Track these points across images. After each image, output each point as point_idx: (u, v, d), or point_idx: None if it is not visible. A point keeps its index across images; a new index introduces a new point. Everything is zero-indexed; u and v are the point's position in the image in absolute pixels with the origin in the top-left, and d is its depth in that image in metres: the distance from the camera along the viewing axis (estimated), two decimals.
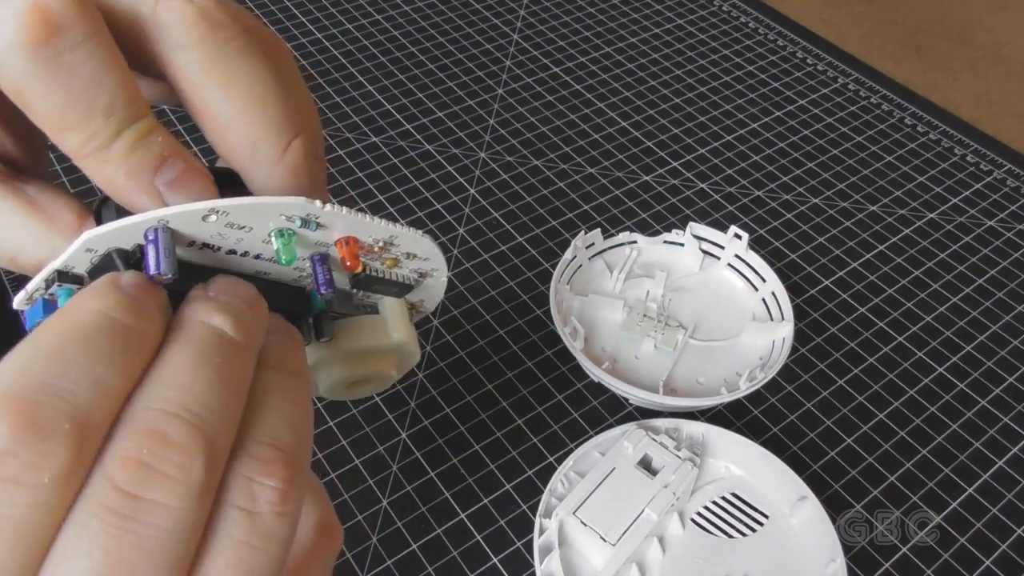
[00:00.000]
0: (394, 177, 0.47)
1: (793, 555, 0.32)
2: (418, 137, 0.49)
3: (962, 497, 0.35)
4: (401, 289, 0.25)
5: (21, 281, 0.21)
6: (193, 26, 0.18)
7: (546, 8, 0.61)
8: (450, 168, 0.47)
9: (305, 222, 0.20)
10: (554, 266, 0.40)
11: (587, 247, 0.40)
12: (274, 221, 0.19)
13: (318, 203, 0.19)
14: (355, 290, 0.23)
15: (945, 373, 0.40)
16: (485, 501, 0.33)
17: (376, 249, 0.22)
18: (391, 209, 0.45)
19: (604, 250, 0.41)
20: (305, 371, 0.20)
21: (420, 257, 0.23)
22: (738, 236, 0.40)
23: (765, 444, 0.34)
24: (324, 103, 0.51)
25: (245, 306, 0.19)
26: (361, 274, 0.22)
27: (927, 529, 0.34)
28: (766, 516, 0.33)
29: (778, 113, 0.54)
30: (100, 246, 0.18)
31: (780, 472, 0.33)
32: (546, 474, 0.34)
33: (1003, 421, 0.38)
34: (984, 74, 0.60)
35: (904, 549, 0.33)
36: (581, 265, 0.40)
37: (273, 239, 0.20)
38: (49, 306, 0.19)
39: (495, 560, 0.32)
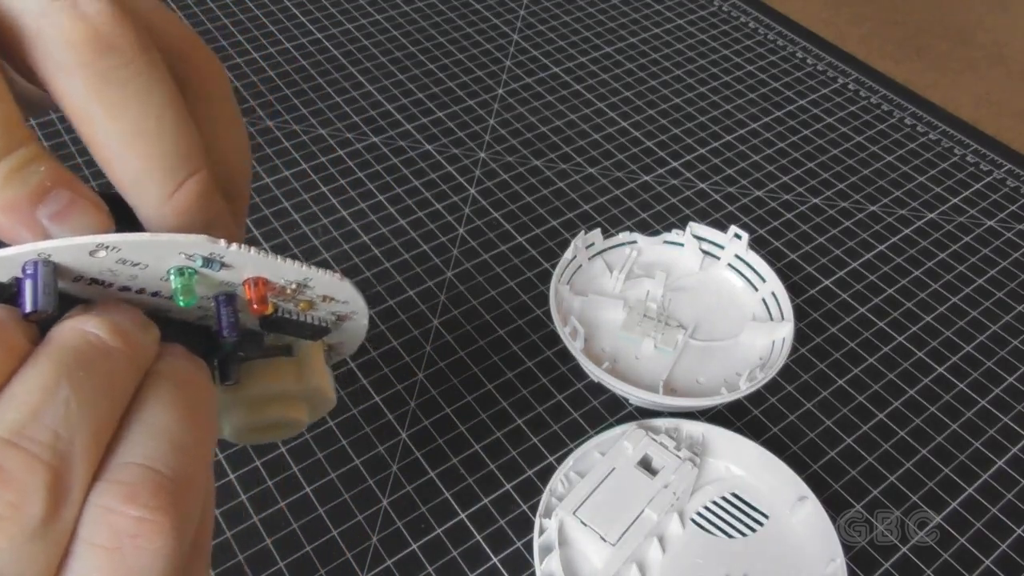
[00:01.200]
0: (394, 177, 0.47)
1: (793, 555, 0.32)
2: (418, 137, 0.49)
3: (962, 497, 0.35)
4: (316, 332, 0.23)
5: None
6: (78, 47, 0.16)
7: (546, 8, 0.61)
8: (450, 168, 0.47)
9: (208, 261, 0.18)
10: (554, 266, 0.40)
11: (587, 247, 0.40)
12: (174, 259, 0.18)
13: (222, 243, 0.18)
14: (265, 332, 0.22)
15: (945, 373, 0.40)
16: (485, 501, 0.33)
17: (289, 291, 0.21)
18: (391, 209, 0.45)
19: (604, 250, 0.41)
20: (202, 385, 0.18)
21: (338, 300, 0.22)
22: (738, 236, 0.40)
23: (765, 444, 0.34)
24: (324, 103, 0.51)
25: (126, 319, 0.17)
26: (271, 316, 0.21)
27: (927, 529, 0.34)
28: (766, 516, 0.33)
29: (778, 113, 0.54)
30: None
31: (780, 472, 0.33)
32: (546, 474, 0.34)
33: (1003, 421, 0.38)
34: (984, 74, 0.60)
35: (904, 549, 0.33)
36: (581, 265, 0.40)
37: (172, 278, 0.18)
38: None
39: (495, 560, 0.32)
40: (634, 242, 0.41)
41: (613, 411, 0.37)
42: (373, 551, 0.32)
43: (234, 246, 0.18)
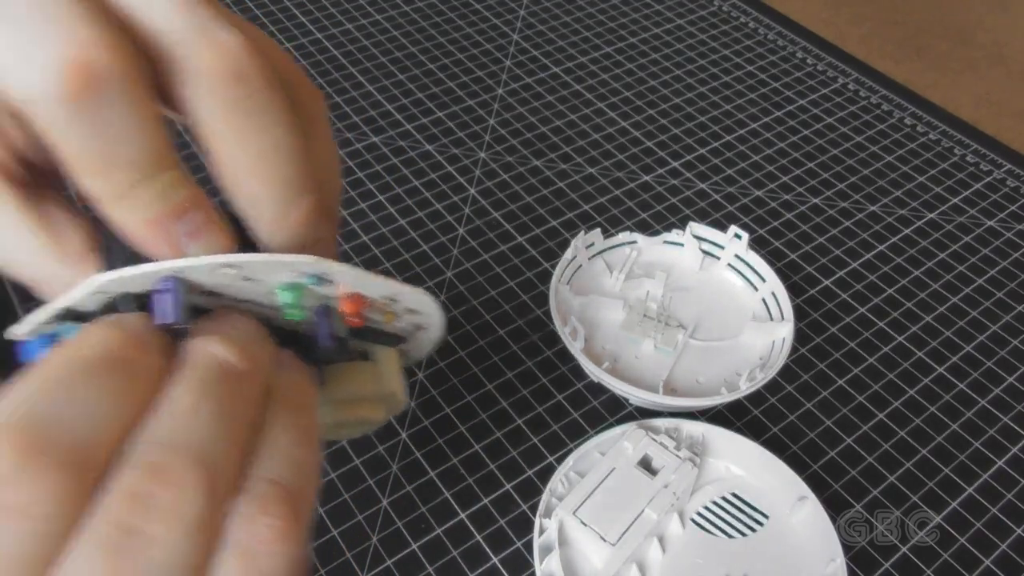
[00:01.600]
0: (394, 177, 0.47)
1: (793, 555, 0.32)
2: (418, 137, 0.49)
3: (962, 497, 0.35)
4: (395, 340, 0.25)
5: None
6: (216, 77, 0.17)
7: (546, 8, 0.61)
8: (450, 168, 0.47)
9: (318, 279, 0.20)
10: (554, 266, 0.40)
11: (587, 247, 0.40)
12: (285, 276, 0.19)
13: (333, 263, 0.19)
14: (350, 339, 0.24)
15: (945, 373, 0.40)
16: (485, 501, 0.33)
17: (379, 304, 0.22)
18: (391, 209, 0.45)
19: (604, 250, 0.41)
20: (313, 407, 0.20)
21: (419, 312, 0.24)
22: (738, 236, 0.40)
23: (765, 444, 0.34)
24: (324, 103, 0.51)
25: (248, 336, 0.19)
26: (361, 327, 0.23)
27: (927, 529, 0.34)
28: (766, 516, 0.33)
29: (778, 113, 0.54)
30: (111, 290, 0.18)
31: (780, 472, 0.33)
32: (546, 474, 0.34)
33: (1003, 421, 0.38)
34: (984, 74, 0.60)
35: (904, 549, 0.33)
36: (581, 265, 0.40)
37: (280, 293, 0.20)
38: (50, 342, 0.19)
39: (495, 560, 0.32)
40: (634, 242, 0.41)
41: (613, 411, 0.37)
42: (373, 551, 0.32)
43: (343, 266, 0.20)
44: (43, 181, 0.20)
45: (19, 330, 0.19)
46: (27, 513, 0.14)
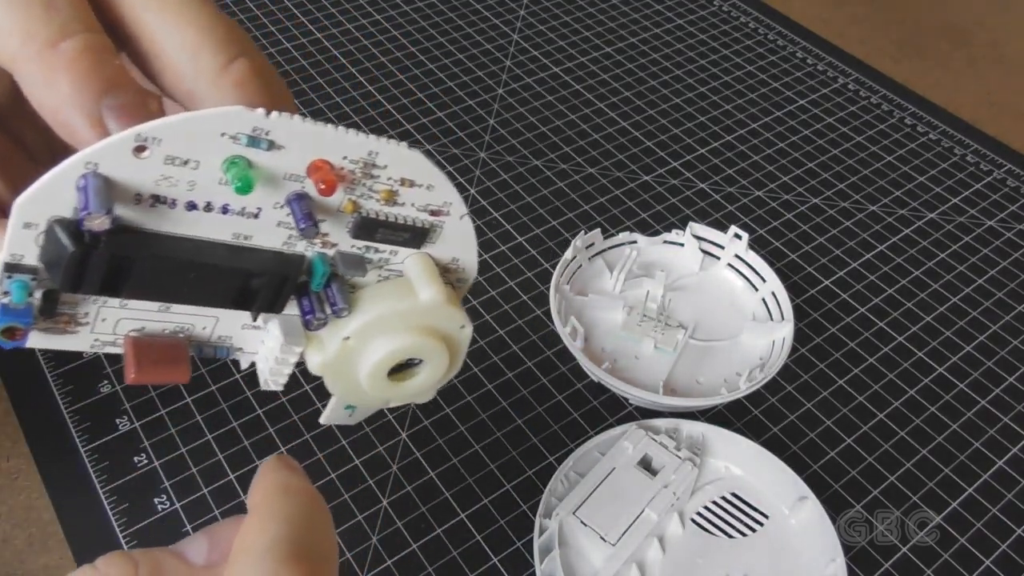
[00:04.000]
0: None
1: (793, 555, 0.32)
2: (418, 137, 0.49)
3: (962, 497, 0.35)
4: (415, 234, 0.20)
5: None
6: None
7: (546, 8, 0.61)
8: (450, 168, 0.47)
9: (253, 140, 0.17)
10: (554, 266, 0.40)
11: (587, 247, 0.40)
12: (220, 148, 0.16)
13: (260, 110, 0.16)
14: (364, 248, 0.20)
15: (945, 373, 0.40)
16: (485, 501, 0.33)
17: (357, 175, 0.18)
18: None
19: (604, 250, 0.41)
20: None
21: (419, 184, 0.20)
22: (738, 236, 0.40)
23: (765, 444, 0.34)
24: (324, 103, 0.51)
25: None
26: (358, 217, 0.19)
27: (927, 529, 0.34)
28: (766, 516, 0.33)
29: (778, 113, 0.54)
30: (38, 218, 0.16)
31: (780, 472, 0.33)
32: (546, 474, 0.34)
33: (1003, 421, 0.38)
34: (984, 74, 0.60)
35: (904, 549, 0.33)
36: (581, 265, 0.40)
37: (223, 172, 0.17)
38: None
39: (495, 560, 0.32)
40: (634, 242, 0.41)
41: (613, 411, 0.37)
42: (373, 551, 0.32)
43: (275, 114, 0.16)
44: None
45: None
46: None
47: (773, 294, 0.39)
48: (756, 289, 0.40)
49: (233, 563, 0.18)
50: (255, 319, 0.21)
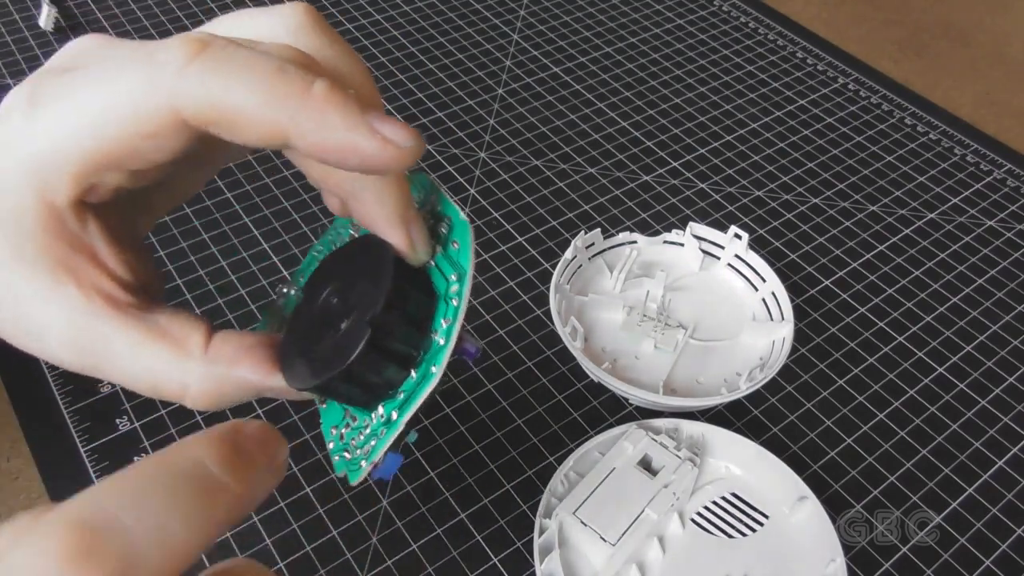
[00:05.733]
0: None
1: (793, 555, 0.32)
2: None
3: (962, 497, 0.35)
4: None
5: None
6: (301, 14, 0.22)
7: (546, 8, 0.61)
8: (450, 168, 0.47)
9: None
10: (554, 266, 0.40)
11: (587, 247, 0.40)
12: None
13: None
14: None
15: (945, 373, 0.40)
16: (485, 501, 0.33)
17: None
18: None
19: (604, 250, 0.41)
20: None
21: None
22: (738, 236, 0.40)
23: (765, 444, 0.34)
24: None
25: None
26: None
27: (927, 529, 0.34)
28: (766, 516, 0.33)
29: (778, 113, 0.54)
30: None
31: (780, 472, 0.33)
32: (546, 474, 0.34)
33: (1003, 421, 0.38)
34: (984, 74, 0.60)
35: (904, 549, 0.33)
36: (581, 265, 0.40)
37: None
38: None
39: (495, 560, 0.32)
40: (634, 242, 0.41)
41: (613, 411, 0.37)
42: (373, 551, 0.32)
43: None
44: (150, 302, 0.21)
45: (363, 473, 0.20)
46: None
47: (773, 294, 0.39)
48: (756, 289, 0.40)
49: None
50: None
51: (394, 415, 0.20)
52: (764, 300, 0.40)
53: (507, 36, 0.58)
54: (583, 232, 0.40)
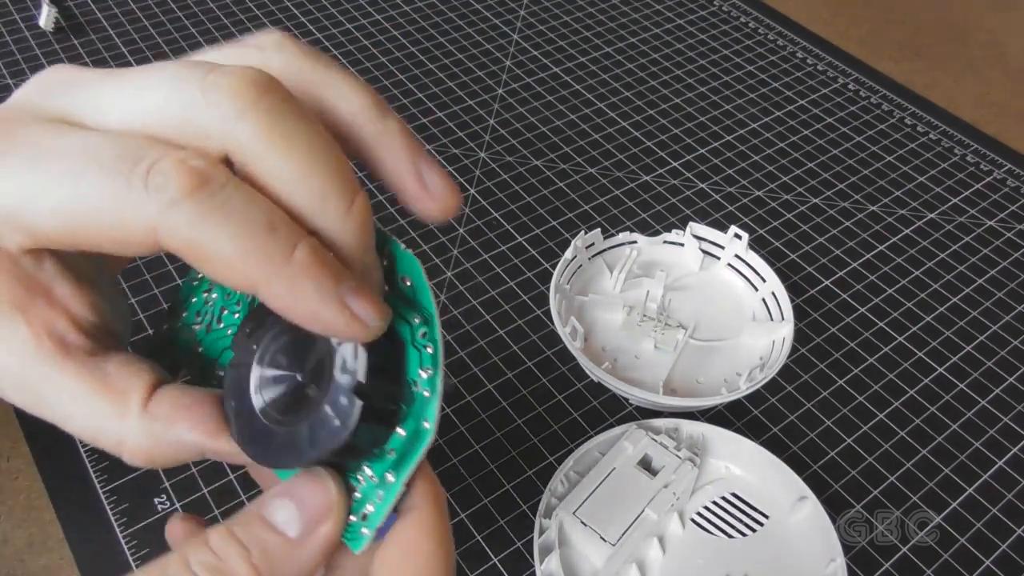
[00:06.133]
0: None
1: (793, 555, 0.32)
2: (418, 137, 0.49)
3: (962, 497, 0.35)
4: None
5: None
6: (242, 93, 0.18)
7: (546, 8, 0.61)
8: (450, 168, 0.47)
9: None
10: (554, 266, 0.40)
11: (587, 247, 0.40)
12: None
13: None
14: None
15: (945, 373, 0.40)
16: (485, 501, 0.33)
17: None
18: (391, 209, 0.45)
19: (604, 250, 0.41)
20: None
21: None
22: (738, 236, 0.40)
23: (765, 444, 0.34)
24: None
25: None
26: None
27: (927, 529, 0.34)
28: (766, 516, 0.33)
29: (778, 113, 0.54)
30: None
31: (780, 472, 0.33)
32: (546, 474, 0.34)
33: (1003, 421, 0.38)
34: (984, 74, 0.60)
35: (904, 549, 0.33)
36: (581, 265, 0.40)
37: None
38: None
39: (495, 560, 0.32)
40: (634, 242, 0.41)
41: (613, 411, 0.37)
42: None
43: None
44: (106, 339, 0.20)
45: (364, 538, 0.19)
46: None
47: (773, 294, 0.39)
48: (756, 289, 0.40)
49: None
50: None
51: (389, 476, 0.19)
52: (764, 300, 0.40)
53: (507, 36, 0.58)
54: (583, 232, 0.40)
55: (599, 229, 0.41)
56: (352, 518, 0.19)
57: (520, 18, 0.60)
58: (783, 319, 0.38)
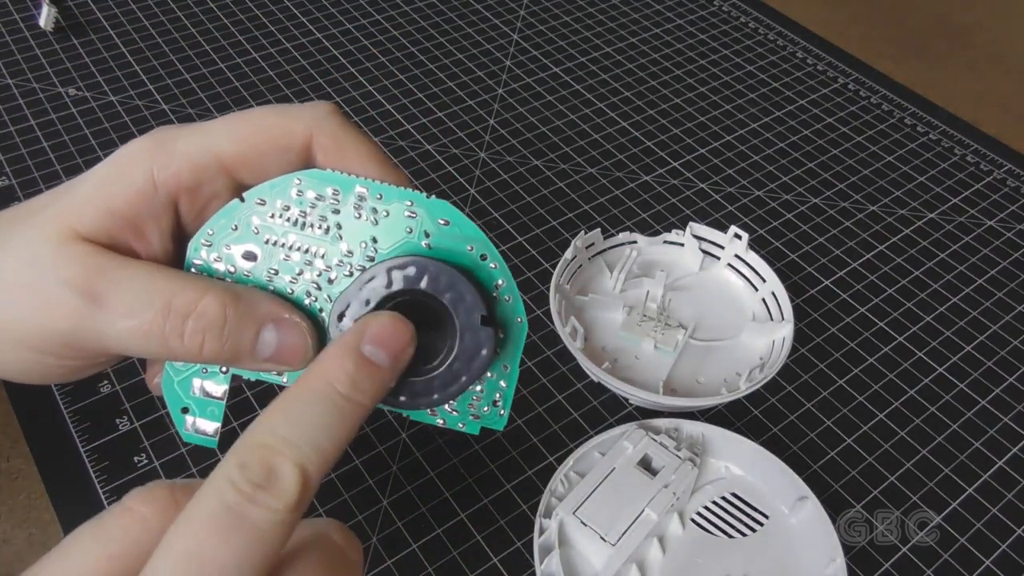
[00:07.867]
0: None
1: (793, 555, 0.32)
2: (418, 137, 0.49)
3: (962, 497, 0.35)
4: None
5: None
6: (327, 104, 0.25)
7: (546, 8, 0.61)
8: (450, 168, 0.47)
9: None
10: (554, 266, 0.40)
11: (587, 247, 0.40)
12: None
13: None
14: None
15: (945, 373, 0.40)
16: (485, 501, 0.33)
17: None
18: None
19: (604, 250, 0.41)
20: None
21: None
22: (738, 236, 0.40)
23: (765, 444, 0.34)
24: None
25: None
26: None
27: (927, 529, 0.34)
28: (766, 516, 0.33)
29: (778, 113, 0.54)
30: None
31: (780, 472, 0.33)
32: (546, 474, 0.34)
33: (1003, 421, 0.38)
34: (984, 74, 0.60)
35: (904, 549, 0.33)
36: (581, 265, 0.40)
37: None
38: None
39: (495, 560, 0.32)
40: (634, 242, 0.41)
41: (613, 411, 0.37)
42: (373, 551, 0.32)
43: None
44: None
45: None
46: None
47: (773, 294, 0.39)
48: (756, 289, 0.40)
49: None
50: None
51: (505, 367, 0.25)
52: (764, 300, 0.40)
53: (507, 36, 0.58)
54: (583, 232, 0.40)
55: (599, 229, 0.41)
56: (485, 410, 0.26)
57: (520, 18, 0.60)
58: (783, 319, 0.38)
